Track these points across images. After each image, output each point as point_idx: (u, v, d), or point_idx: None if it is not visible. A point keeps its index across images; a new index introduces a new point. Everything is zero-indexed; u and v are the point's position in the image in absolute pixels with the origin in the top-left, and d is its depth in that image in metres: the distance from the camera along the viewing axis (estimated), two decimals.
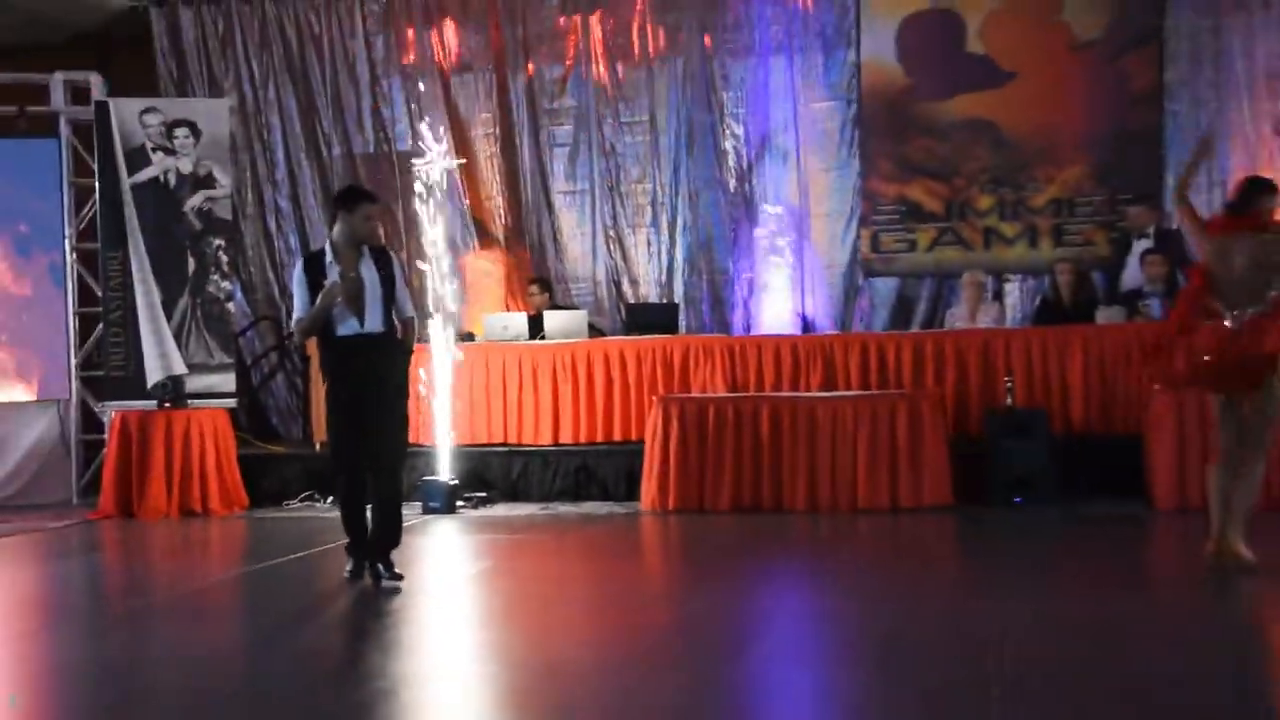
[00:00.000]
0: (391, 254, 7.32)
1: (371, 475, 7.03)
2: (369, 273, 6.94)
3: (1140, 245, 10.70)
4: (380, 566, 6.96)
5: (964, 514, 8.99)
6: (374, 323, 6.91)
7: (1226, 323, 6.40)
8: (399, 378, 7.15)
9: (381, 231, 10.23)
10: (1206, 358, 6.47)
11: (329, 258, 6.93)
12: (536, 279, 11.92)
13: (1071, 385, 9.81)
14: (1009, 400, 9.64)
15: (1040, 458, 9.27)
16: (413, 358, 7.41)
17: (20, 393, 11.60)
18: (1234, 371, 6.44)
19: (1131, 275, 10.69)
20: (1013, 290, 11.87)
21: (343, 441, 7.05)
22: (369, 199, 7.18)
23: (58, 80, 11.66)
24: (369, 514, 7.10)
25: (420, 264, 10.28)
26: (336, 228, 7.06)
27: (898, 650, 5.34)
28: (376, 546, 7.04)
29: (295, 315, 7.09)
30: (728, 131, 12.27)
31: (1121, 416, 9.72)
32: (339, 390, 7.01)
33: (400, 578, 6.95)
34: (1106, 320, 10.22)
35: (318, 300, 6.79)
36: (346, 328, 6.87)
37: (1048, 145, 11.77)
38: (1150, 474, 9.10)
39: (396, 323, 7.04)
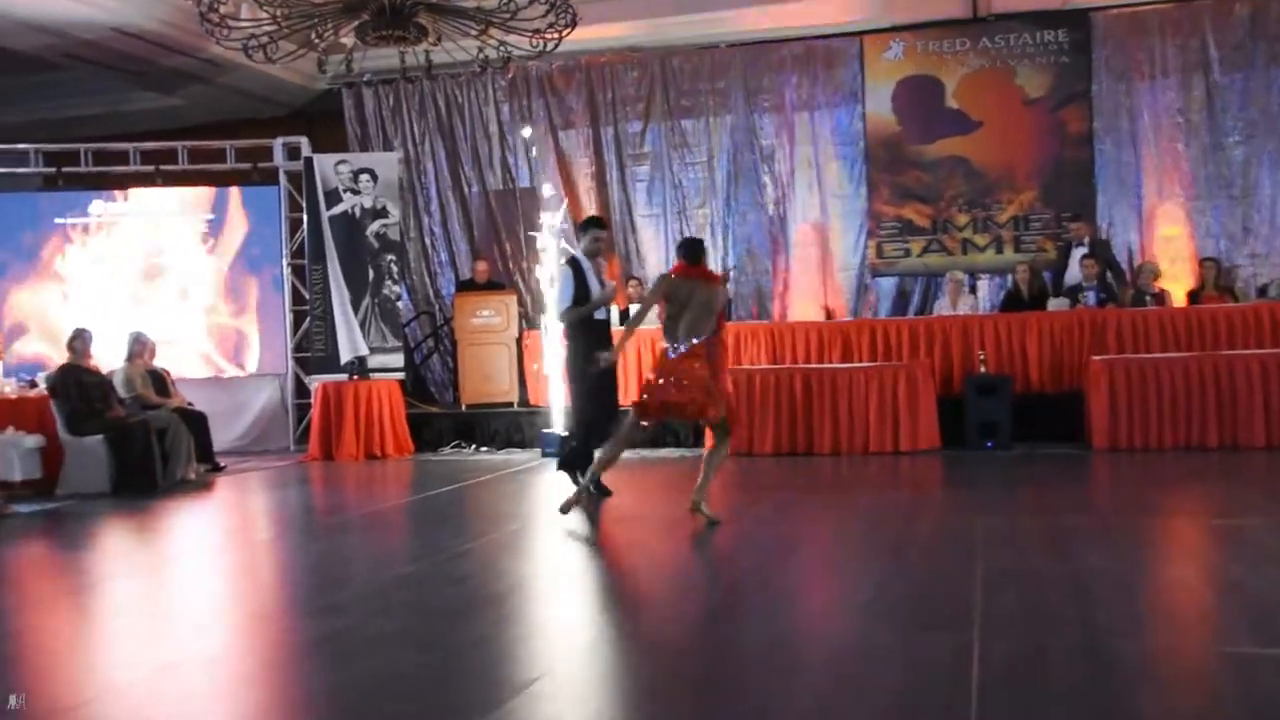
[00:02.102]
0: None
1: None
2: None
3: (1079, 251, 10.56)
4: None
5: (948, 455, 8.91)
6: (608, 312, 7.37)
7: (670, 354, 6.01)
8: None
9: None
10: (660, 380, 5.98)
11: (585, 264, 7.19)
12: (632, 276, 11.95)
13: (1029, 356, 9.70)
14: (982, 368, 9.54)
15: (1005, 411, 9.16)
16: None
17: (254, 368, 11.86)
18: (674, 393, 5.92)
19: (1072, 274, 10.54)
20: (984, 286, 11.74)
21: (606, 393, 7.29)
22: (599, 225, 7.43)
23: (278, 143, 11.90)
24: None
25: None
26: (583, 244, 7.28)
27: (903, 552, 5.32)
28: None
29: (566, 301, 7.10)
30: (766, 169, 12.19)
31: (1066, 378, 9.61)
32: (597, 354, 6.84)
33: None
34: (1055, 308, 10.11)
35: (602, 295, 7.14)
36: (600, 314, 7.24)
37: (1007, 176, 11.62)
38: (1088, 421, 8.99)
39: None
